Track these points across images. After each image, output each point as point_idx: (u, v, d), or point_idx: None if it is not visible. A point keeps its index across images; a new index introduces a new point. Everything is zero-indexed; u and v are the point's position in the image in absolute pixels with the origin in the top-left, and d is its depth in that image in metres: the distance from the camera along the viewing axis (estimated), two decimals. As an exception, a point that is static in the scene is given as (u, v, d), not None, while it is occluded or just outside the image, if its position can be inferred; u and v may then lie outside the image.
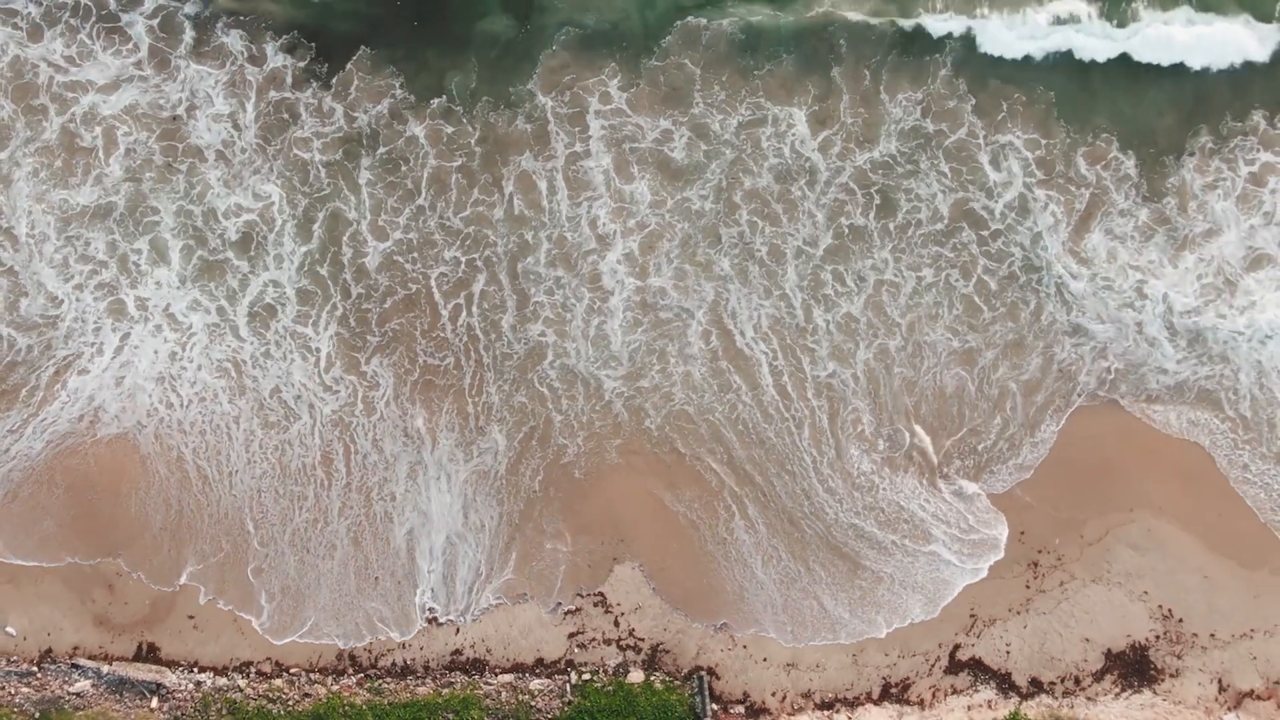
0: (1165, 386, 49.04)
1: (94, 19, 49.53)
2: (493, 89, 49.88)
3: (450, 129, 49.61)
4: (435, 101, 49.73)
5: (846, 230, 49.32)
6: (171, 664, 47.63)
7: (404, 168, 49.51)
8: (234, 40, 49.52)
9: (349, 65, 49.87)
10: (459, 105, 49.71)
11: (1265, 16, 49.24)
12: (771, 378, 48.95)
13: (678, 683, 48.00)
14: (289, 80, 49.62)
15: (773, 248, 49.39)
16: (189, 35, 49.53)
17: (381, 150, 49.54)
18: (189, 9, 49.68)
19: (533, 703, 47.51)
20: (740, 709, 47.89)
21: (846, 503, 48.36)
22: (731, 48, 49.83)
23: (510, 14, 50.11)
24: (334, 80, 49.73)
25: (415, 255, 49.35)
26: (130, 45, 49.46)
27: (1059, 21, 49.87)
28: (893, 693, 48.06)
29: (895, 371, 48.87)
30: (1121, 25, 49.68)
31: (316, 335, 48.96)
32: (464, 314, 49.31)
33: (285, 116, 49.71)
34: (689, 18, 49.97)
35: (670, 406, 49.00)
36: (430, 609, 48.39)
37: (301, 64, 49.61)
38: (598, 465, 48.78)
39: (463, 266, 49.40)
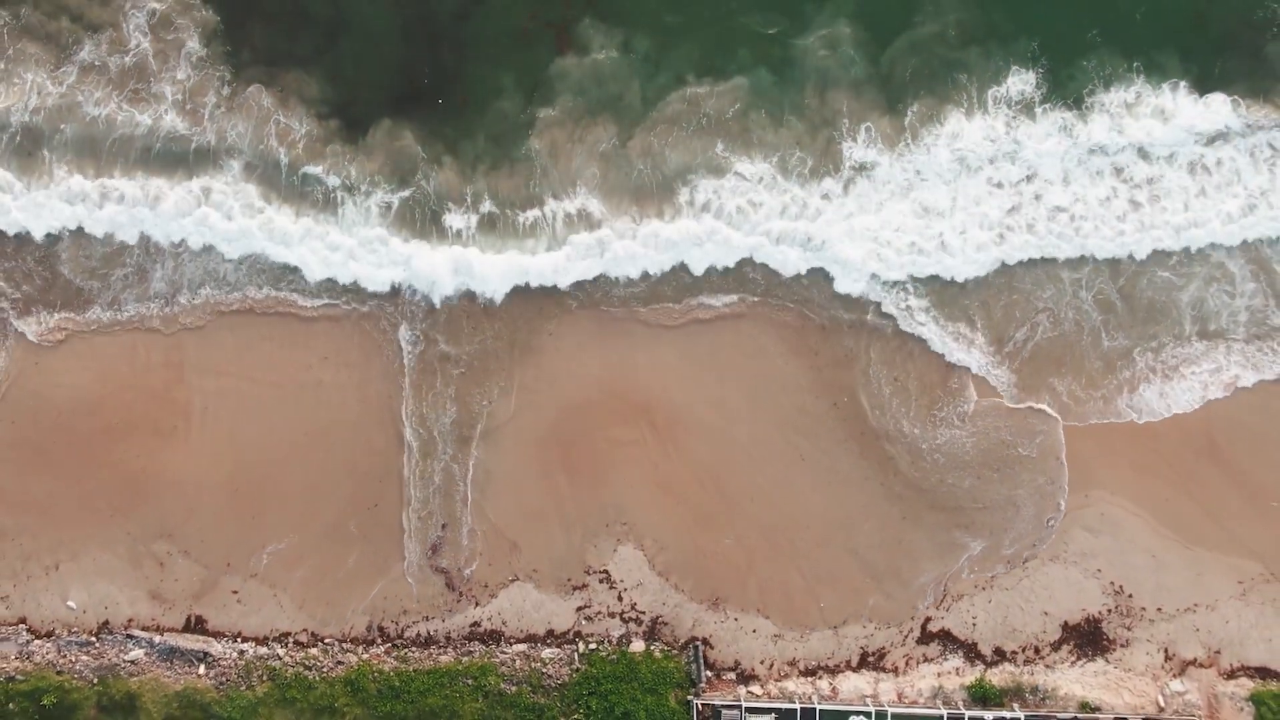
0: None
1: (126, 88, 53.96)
2: (497, 150, 54.83)
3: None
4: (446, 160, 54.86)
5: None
6: (217, 634, 52.47)
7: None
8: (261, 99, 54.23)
9: (371, 131, 54.37)
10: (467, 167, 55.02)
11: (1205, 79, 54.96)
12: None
13: (675, 652, 52.88)
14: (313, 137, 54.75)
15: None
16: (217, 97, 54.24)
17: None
18: (225, 89, 54.01)
19: (544, 670, 52.34)
20: (732, 675, 52.77)
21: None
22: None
23: (522, 91, 54.66)
24: (361, 139, 54.60)
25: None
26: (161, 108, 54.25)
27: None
28: (870, 661, 52.99)
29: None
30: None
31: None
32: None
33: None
34: (689, 88, 54.84)
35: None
36: (432, 548, 53.28)
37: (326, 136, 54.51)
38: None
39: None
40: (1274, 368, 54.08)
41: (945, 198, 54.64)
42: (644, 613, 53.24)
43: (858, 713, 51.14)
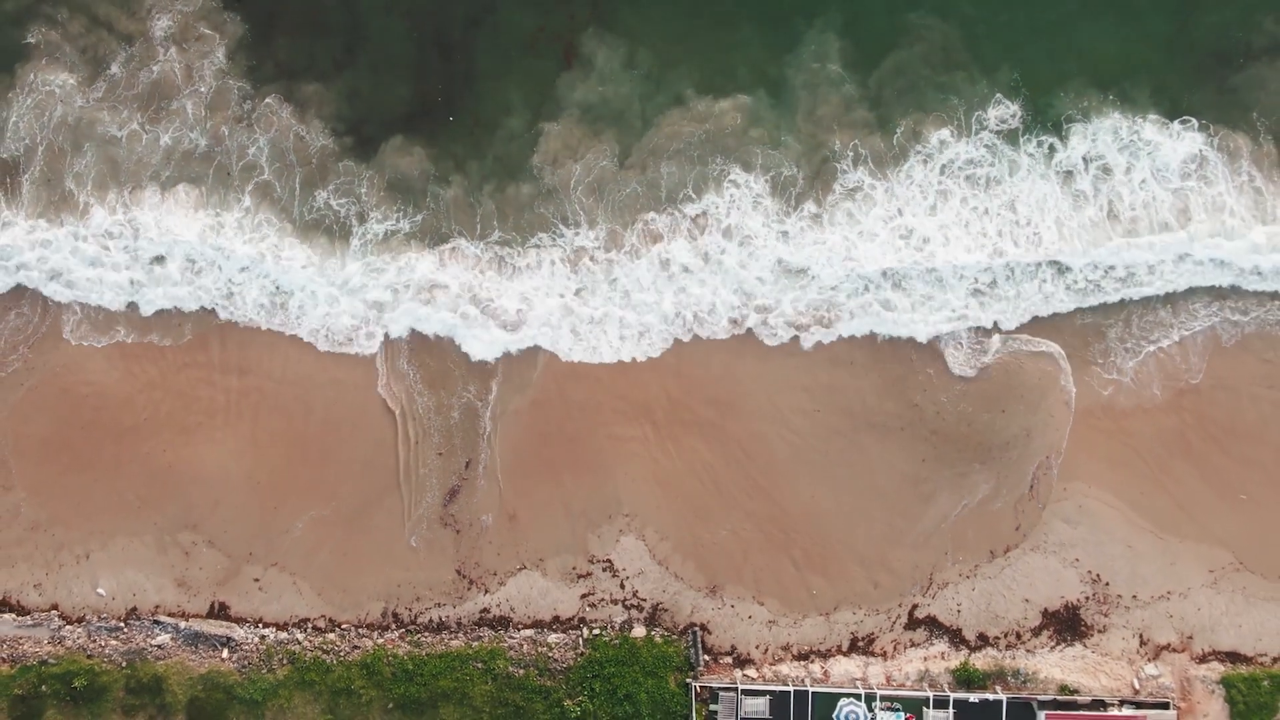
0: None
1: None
2: (503, 171, 56.82)
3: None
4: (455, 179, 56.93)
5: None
6: (240, 620, 55.10)
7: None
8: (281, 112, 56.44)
9: (382, 148, 56.45)
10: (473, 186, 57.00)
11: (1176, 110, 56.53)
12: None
13: (674, 637, 55.45)
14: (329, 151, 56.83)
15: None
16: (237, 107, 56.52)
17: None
18: (246, 103, 56.19)
19: (550, 654, 54.94)
20: (728, 659, 55.34)
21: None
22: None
23: (529, 108, 56.75)
24: (372, 157, 56.64)
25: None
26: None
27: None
28: (859, 645, 55.58)
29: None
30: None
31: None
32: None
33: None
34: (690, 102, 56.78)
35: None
36: (447, 499, 55.95)
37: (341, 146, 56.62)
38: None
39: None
40: (1247, 324, 55.91)
41: (933, 227, 55.98)
42: (645, 600, 55.83)
43: (848, 695, 53.72)
